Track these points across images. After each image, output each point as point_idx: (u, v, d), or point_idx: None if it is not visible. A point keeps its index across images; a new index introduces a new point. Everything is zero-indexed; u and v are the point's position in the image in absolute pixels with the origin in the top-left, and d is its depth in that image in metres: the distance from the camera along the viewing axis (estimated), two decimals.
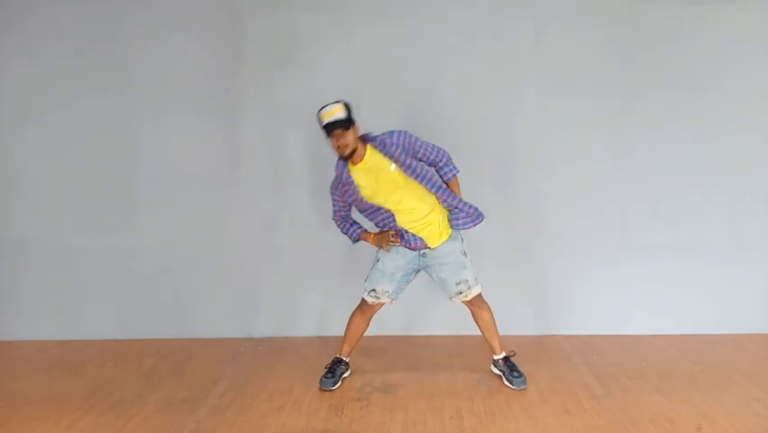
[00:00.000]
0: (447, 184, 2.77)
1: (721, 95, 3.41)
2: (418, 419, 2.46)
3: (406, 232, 2.71)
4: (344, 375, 2.89)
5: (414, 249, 2.74)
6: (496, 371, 2.91)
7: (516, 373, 2.80)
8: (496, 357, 2.89)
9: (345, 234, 2.87)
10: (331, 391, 2.77)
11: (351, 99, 3.39)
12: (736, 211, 3.48)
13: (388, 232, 2.73)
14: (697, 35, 3.39)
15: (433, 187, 2.69)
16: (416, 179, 2.65)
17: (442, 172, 2.76)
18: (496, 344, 2.88)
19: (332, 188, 2.77)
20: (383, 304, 2.86)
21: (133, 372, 3.06)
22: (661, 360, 3.11)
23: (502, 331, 2.90)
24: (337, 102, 2.58)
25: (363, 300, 2.87)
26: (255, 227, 3.53)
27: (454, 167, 2.76)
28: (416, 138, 2.67)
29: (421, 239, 2.71)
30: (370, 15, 3.40)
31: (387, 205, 2.67)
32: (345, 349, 2.92)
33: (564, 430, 2.36)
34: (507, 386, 2.79)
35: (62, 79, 3.45)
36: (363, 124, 3.42)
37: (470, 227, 2.76)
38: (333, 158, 3.44)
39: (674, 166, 3.46)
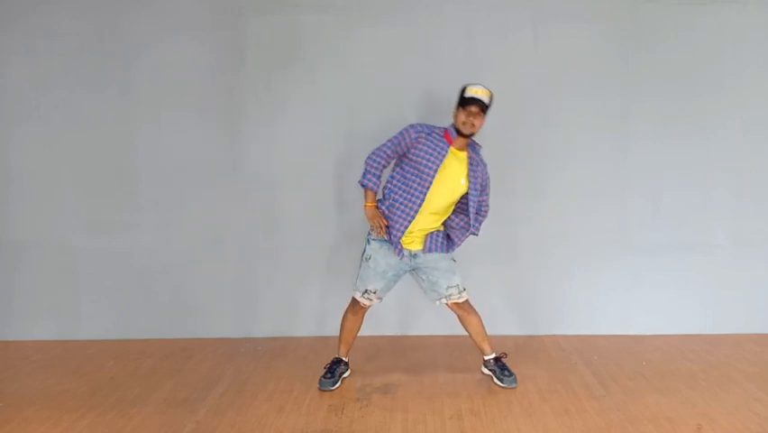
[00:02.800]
0: (469, 231, 2.85)
1: (721, 95, 3.41)
2: (418, 419, 2.46)
3: (401, 230, 2.71)
4: (344, 375, 2.89)
5: (400, 252, 2.74)
6: (486, 371, 2.92)
7: (506, 372, 2.81)
8: (486, 358, 2.90)
9: (366, 172, 2.74)
10: (330, 391, 2.77)
11: (350, 99, 3.43)
12: (736, 211, 3.48)
13: (383, 220, 2.72)
14: (697, 35, 3.39)
15: (472, 205, 2.75)
16: (471, 199, 2.74)
17: (476, 219, 2.87)
18: (486, 346, 2.89)
19: (407, 130, 2.69)
20: (372, 304, 2.86)
21: (133, 372, 3.06)
22: (661, 360, 3.12)
23: (502, 331, 2.90)
24: (486, 88, 2.68)
25: (354, 300, 2.86)
26: (255, 227, 3.53)
27: (478, 229, 2.90)
28: (489, 182, 2.88)
29: (412, 254, 2.76)
30: (370, 15, 3.40)
31: (430, 196, 2.67)
32: (343, 349, 2.92)
33: (564, 430, 2.36)
34: (498, 385, 2.80)
35: (62, 78, 3.44)
36: (363, 125, 3.44)
37: (425, 249, 2.79)
38: (331, 159, 3.48)
39: (674, 166, 3.46)
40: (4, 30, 3.43)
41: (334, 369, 2.85)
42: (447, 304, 2.85)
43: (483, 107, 2.64)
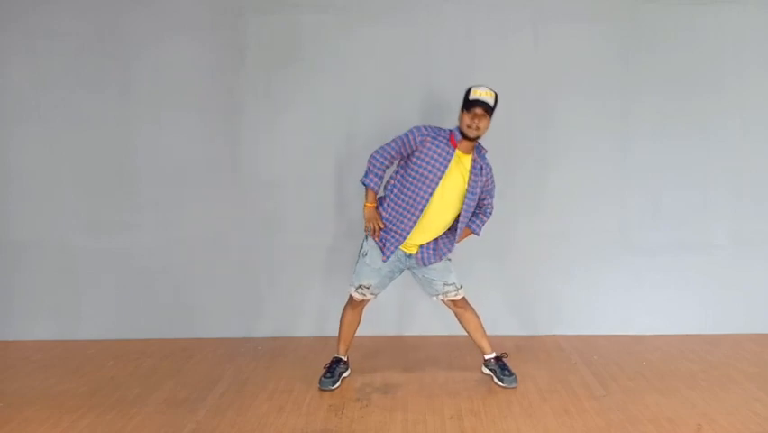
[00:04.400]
0: (467, 228, 2.83)
1: (721, 95, 3.41)
2: (418, 419, 2.46)
3: (394, 241, 2.71)
4: (344, 375, 2.89)
5: (382, 252, 2.74)
6: (486, 371, 2.92)
7: (507, 372, 2.81)
8: (487, 357, 2.90)
9: (368, 171, 2.70)
10: (330, 390, 2.77)
11: (350, 99, 3.43)
12: (736, 211, 3.48)
13: (380, 222, 2.72)
14: (697, 35, 3.39)
15: (465, 213, 2.72)
16: (466, 200, 2.69)
17: (474, 220, 2.85)
18: (485, 344, 2.90)
19: (412, 133, 2.64)
20: (369, 299, 2.87)
21: (133, 372, 3.06)
22: (661, 360, 3.12)
23: (502, 331, 2.90)
24: (492, 89, 2.64)
25: (351, 297, 2.87)
26: (255, 227, 3.53)
27: (480, 229, 2.88)
28: (494, 185, 2.84)
29: (394, 249, 2.74)
30: (370, 15, 3.40)
31: (432, 205, 2.64)
32: (342, 347, 2.92)
33: (564, 430, 2.36)
34: (498, 384, 2.80)
35: (62, 78, 3.44)
36: (363, 124, 3.44)
37: (418, 262, 2.79)
38: (331, 159, 3.48)
39: (674, 166, 3.46)
40: (4, 30, 3.43)
41: (334, 369, 2.86)
42: (443, 301, 2.86)
43: (488, 109, 2.59)
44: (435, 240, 2.77)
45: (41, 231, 3.54)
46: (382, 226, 2.72)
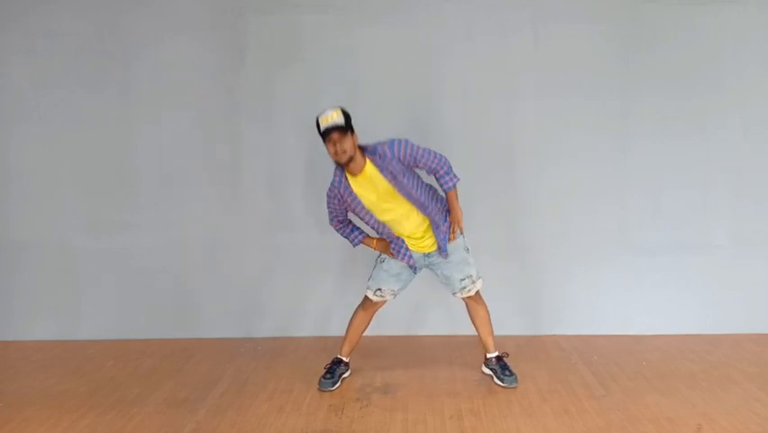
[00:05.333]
0: (446, 193, 2.68)
1: (721, 95, 3.41)
2: (418, 419, 2.46)
3: (404, 245, 2.71)
4: (344, 376, 2.89)
5: (413, 267, 2.77)
6: (487, 370, 2.92)
7: (507, 372, 2.81)
8: (489, 355, 2.90)
9: (346, 238, 2.81)
10: (330, 391, 2.77)
11: (351, 99, 3.41)
12: (736, 211, 3.48)
13: (389, 247, 2.74)
14: (697, 35, 3.39)
15: (416, 202, 2.61)
16: (405, 196, 2.58)
17: (441, 181, 2.65)
18: (490, 341, 2.89)
19: (328, 196, 2.66)
20: (386, 301, 2.87)
21: (133, 372, 3.06)
22: (661, 360, 3.11)
23: (502, 331, 2.90)
24: (334, 108, 2.49)
25: (367, 298, 2.87)
26: (255, 227, 3.53)
27: (454, 176, 2.65)
28: (417, 147, 2.55)
29: (413, 255, 2.74)
30: (370, 15, 3.40)
31: (388, 216, 2.64)
32: (346, 349, 2.92)
33: (564, 430, 2.36)
34: (498, 384, 2.80)
35: (62, 78, 3.44)
36: (363, 125, 3.43)
37: (442, 256, 2.75)
38: (331, 159, 3.46)
39: (674, 166, 3.46)
40: (4, 30, 3.43)
41: (334, 369, 2.85)
42: (461, 297, 2.84)
43: (340, 128, 2.43)
44: (435, 225, 2.68)
45: (41, 231, 3.54)
46: (392, 249, 2.74)
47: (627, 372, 2.95)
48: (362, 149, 2.55)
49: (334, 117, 2.45)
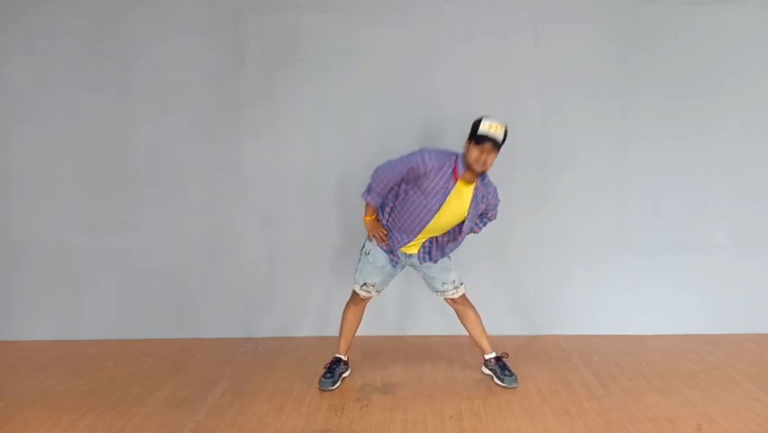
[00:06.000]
0: (470, 231, 2.82)
1: (721, 95, 3.41)
2: (418, 419, 2.46)
3: (402, 242, 2.72)
4: (344, 375, 2.89)
5: (395, 261, 2.79)
6: (486, 371, 2.92)
7: (507, 372, 2.81)
8: (487, 357, 2.90)
9: (371, 191, 2.67)
10: (330, 391, 2.77)
11: (351, 99, 3.43)
12: (736, 211, 3.48)
13: (383, 230, 2.74)
14: (697, 35, 3.39)
15: (461, 231, 2.73)
16: (465, 223, 2.69)
17: (483, 221, 2.88)
18: (485, 343, 2.90)
19: (421, 163, 2.53)
20: (373, 297, 2.88)
21: (133, 372, 3.06)
22: (661, 360, 3.12)
23: (502, 331, 2.90)
24: (503, 123, 2.53)
25: (355, 293, 2.89)
26: (255, 227, 3.53)
27: (479, 229, 2.90)
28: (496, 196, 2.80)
29: (407, 255, 2.79)
30: (370, 15, 3.40)
31: (435, 224, 2.65)
32: (343, 346, 2.92)
33: (564, 430, 2.36)
34: (498, 384, 2.80)
35: (62, 78, 3.44)
36: (363, 125, 3.44)
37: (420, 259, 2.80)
38: (331, 159, 3.48)
39: (674, 166, 3.46)
40: (4, 30, 3.43)
41: (334, 369, 2.85)
42: (444, 299, 2.89)
43: (498, 144, 2.50)
44: (436, 239, 2.78)
45: (41, 231, 3.54)
46: (385, 232, 2.74)
47: (627, 372, 2.95)
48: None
49: (499, 131, 2.50)
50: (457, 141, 3.28)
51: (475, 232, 2.89)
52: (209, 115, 3.46)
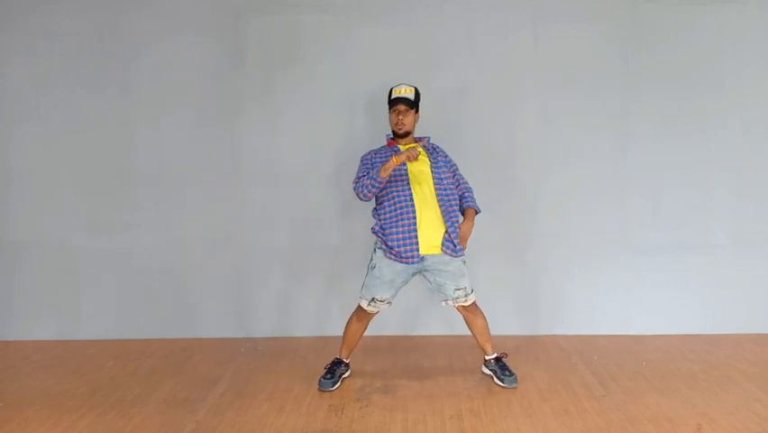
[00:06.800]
0: (466, 209, 2.84)
1: (721, 95, 3.42)
2: (418, 419, 2.46)
3: (410, 237, 2.68)
4: (344, 376, 2.89)
5: (406, 261, 2.69)
6: (487, 371, 2.92)
7: (507, 372, 2.81)
8: (488, 357, 2.89)
9: (367, 181, 2.70)
10: (330, 391, 2.77)
11: (351, 99, 3.43)
12: (736, 211, 3.48)
13: (415, 146, 2.75)
14: (697, 35, 3.39)
15: (442, 199, 2.73)
16: (437, 184, 2.73)
17: (466, 198, 2.88)
18: (488, 346, 2.89)
19: (366, 156, 2.86)
20: (380, 312, 2.85)
21: (133, 372, 3.06)
22: (661, 360, 3.11)
23: (502, 331, 2.90)
24: (411, 85, 2.84)
25: (360, 308, 2.84)
26: (255, 227, 3.53)
27: (476, 203, 2.88)
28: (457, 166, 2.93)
29: (416, 250, 2.68)
30: (370, 15, 3.40)
31: (414, 189, 2.71)
32: (345, 351, 2.92)
33: (564, 430, 2.36)
34: (498, 384, 2.80)
35: (62, 78, 3.45)
36: (364, 125, 3.44)
37: (449, 253, 2.72)
38: (331, 159, 3.48)
39: (674, 166, 3.46)
40: (4, 30, 3.43)
41: (335, 369, 2.85)
42: (455, 306, 2.83)
43: (410, 103, 2.78)
44: (447, 217, 2.74)
45: (41, 231, 3.54)
46: (417, 154, 2.66)
47: (627, 372, 2.95)
48: (418, 139, 2.91)
49: (408, 92, 2.80)
50: (457, 140, 3.30)
51: (475, 207, 2.86)
52: (209, 115, 3.46)
